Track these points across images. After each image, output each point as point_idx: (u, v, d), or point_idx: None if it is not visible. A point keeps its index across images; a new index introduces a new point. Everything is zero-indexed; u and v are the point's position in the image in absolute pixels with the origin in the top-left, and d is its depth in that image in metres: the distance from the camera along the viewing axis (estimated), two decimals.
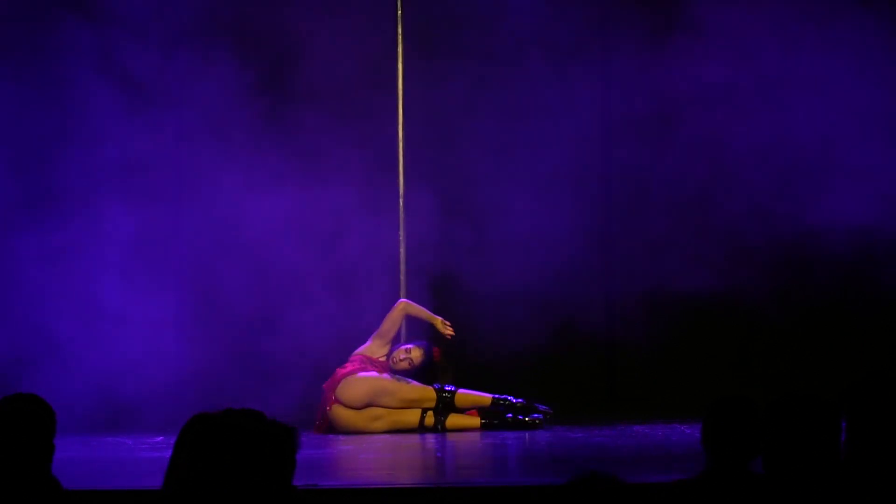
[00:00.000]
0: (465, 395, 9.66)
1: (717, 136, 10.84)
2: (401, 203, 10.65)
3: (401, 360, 9.72)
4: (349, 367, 9.69)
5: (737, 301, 10.98)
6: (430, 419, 9.56)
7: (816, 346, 10.96)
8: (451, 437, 9.30)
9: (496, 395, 9.66)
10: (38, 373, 10.06)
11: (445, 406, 9.57)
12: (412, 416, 9.55)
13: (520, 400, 9.62)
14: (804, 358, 10.90)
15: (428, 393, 9.59)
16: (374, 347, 9.81)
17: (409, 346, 9.84)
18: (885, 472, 4.32)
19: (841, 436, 4.34)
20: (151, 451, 8.46)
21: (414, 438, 9.29)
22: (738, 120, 10.85)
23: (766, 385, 10.47)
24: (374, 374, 9.62)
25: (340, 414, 9.53)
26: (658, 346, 10.97)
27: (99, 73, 10.46)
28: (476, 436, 9.33)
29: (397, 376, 9.64)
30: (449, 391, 9.60)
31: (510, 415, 9.55)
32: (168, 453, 3.74)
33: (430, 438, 9.22)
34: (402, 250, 10.62)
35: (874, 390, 4.42)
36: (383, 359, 9.77)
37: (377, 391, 9.53)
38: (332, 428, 9.56)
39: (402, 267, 10.61)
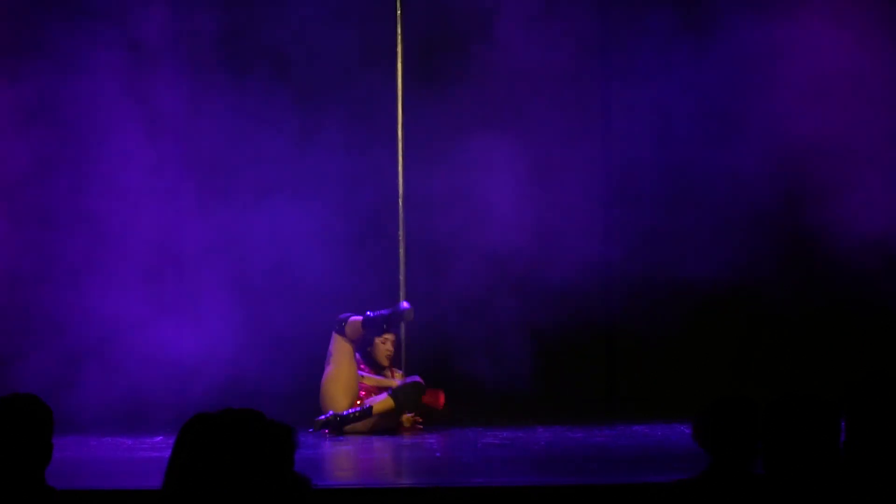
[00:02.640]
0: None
1: (730, 130, 10.82)
2: (400, 202, 10.65)
3: (382, 345, 9.75)
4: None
5: (737, 301, 10.98)
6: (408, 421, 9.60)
7: (817, 346, 10.96)
8: (450, 437, 9.30)
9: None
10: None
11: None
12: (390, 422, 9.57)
13: (381, 312, 9.63)
14: (804, 358, 10.90)
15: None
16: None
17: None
18: (885, 472, 4.32)
19: (841, 436, 4.34)
20: (151, 451, 8.47)
21: (414, 439, 9.30)
22: (753, 116, 10.82)
23: (766, 385, 10.46)
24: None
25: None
26: (658, 346, 10.97)
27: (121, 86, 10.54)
28: (476, 436, 9.32)
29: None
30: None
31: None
32: (168, 453, 3.74)
33: (430, 438, 9.22)
34: (401, 250, 10.62)
35: (874, 390, 4.42)
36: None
37: (328, 384, 9.56)
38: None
39: (402, 267, 10.61)
